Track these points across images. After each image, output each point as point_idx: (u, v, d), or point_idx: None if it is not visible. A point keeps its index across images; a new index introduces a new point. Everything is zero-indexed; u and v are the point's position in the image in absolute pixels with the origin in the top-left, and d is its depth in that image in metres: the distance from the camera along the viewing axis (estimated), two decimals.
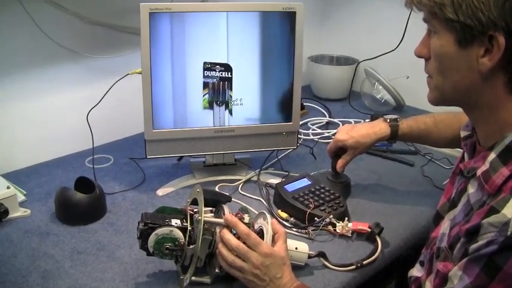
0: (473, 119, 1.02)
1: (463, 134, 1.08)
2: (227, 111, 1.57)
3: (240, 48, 1.52)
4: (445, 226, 1.03)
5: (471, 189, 0.97)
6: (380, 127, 1.50)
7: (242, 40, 1.52)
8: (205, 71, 1.51)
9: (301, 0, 1.54)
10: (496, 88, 0.91)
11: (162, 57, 1.46)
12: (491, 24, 0.85)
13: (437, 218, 1.11)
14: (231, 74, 1.53)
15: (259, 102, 1.59)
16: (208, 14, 1.48)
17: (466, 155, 1.06)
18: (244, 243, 1.12)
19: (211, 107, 1.55)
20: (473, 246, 0.86)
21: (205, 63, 1.50)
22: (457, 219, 0.99)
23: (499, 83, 0.91)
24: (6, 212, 1.38)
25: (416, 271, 1.17)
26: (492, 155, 0.92)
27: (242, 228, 1.13)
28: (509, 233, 0.81)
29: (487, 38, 0.86)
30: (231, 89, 1.55)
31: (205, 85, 1.52)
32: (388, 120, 1.50)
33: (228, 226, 1.15)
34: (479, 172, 0.94)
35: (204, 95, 1.53)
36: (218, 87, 1.54)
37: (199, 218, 1.13)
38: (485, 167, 0.93)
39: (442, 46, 0.93)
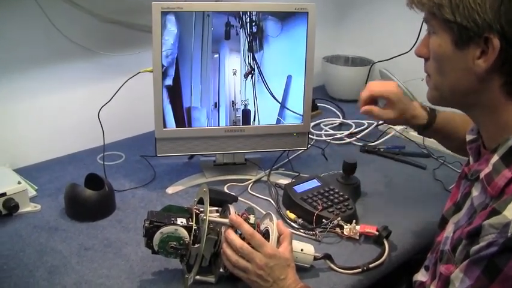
0: (475, 121, 1.02)
1: (468, 138, 1.07)
2: (238, 110, 1.57)
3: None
4: (449, 230, 1.03)
5: (475, 192, 0.97)
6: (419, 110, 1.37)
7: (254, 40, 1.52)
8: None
9: (317, 1, 1.53)
10: (492, 90, 0.91)
11: (174, 56, 1.47)
12: (486, 26, 0.85)
13: (443, 222, 1.10)
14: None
15: (271, 102, 1.59)
16: (220, 13, 1.48)
17: (471, 158, 1.05)
18: (248, 243, 1.12)
19: (222, 106, 1.55)
20: (474, 248, 0.86)
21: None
22: (460, 222, 0.98)
23: (495, 85, 0.90)
24: (16, 206, 1.40)
25: (421, 276, 1.16)
26: (495, 157, 0.92)
27: (247, 228, 1.13)
28: (509, 234, 0.80)
29: (482, 39, 0.86)
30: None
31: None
32: (428, 109, 1.37)
33: (233, 226, 1.15)
34: (482, 175, 0.94)
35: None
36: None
37: (204, 217, 1.13)
38: (488, 169, 0.93)
39: (440, 46, 0.93)
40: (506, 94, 0.90)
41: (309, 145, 1.73)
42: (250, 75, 1.55)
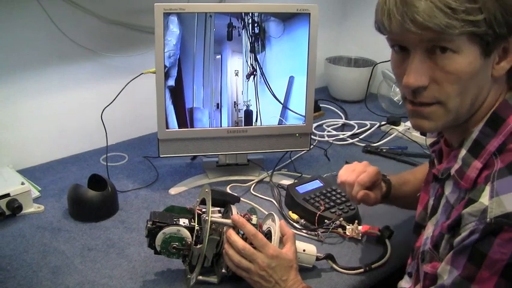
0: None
1: (429, 141, 1.08)
2: (240, 111, 1.57)
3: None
4: (428, 231, 1.02)
5: (447, 190, 0.97)
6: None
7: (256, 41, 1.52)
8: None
9: (320, 2, 1.54)
10: (501, 85, 0.92)
11: (176, 57, 1.47)
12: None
13: (418, 228, 1.11)
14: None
15: (273, 103, 1.59)
16: (223, 14, 1.49)
17: (435, 160, 1.06)
18: (250, 244, 1.13)
19: (224, 107, 1.55)
20: (457, 239, 0.86)
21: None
22: (439, 222, 0.98)
23: (503, 82, 0.91)
24: (20, 207, 1.41)
25: (404, 282, 1.16)
26: (463, 152, 0.92)
27: (249, 228, 1.14)
28: (488, 219, 0.81)
29: (504, 42, 0.85)
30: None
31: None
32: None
33: (235, 227, 1.15)
34: (452, 171, 0.94)
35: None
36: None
37: (207, 218, 1.13)
38: (457, 164, 0.93)
39: (469, 64, 0.84)
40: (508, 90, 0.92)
41: (312, 146, 1.73)
42: (252, 76, 1.55)
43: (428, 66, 0.87)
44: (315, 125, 2.04)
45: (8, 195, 1.39)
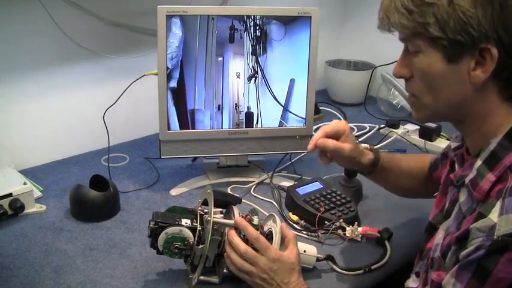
0: (462, 130, 1.01)
1: (453, 145, 1.08)
2: (241, 113, 1.58)
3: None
4: (439, 236, 1.03)
5: (462, 197, 0.97)
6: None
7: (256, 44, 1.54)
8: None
9: (321, 5, 1.55)
10: (489, 98, 0.91)
11: (178, 59, 1.49)
12: (482, 37, 0.84)
13: (431, 229, 1.10)
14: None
15: (274, 105, 1.60)
16: (225, 17, 1.50)
17: (456, 165, 1.06)
18: (252, 246, 1.13)
19: (225, 108, 1.57)
20: (463, 252, 0.86)
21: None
22: (450, 228, 0.99)
23: (492, 92, 0.90)
24: (22, 207, 1.41)
25: (412, 282, 1.16)
26: (478, 162, 0.93)
27: (251, 231, 1.14)
28: (495, 236, 0.81)
29: (477, 50, 0.86)
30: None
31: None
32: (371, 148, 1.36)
33: (236, 228, 1.16)
34: (467, 180, 0.95)
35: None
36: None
37: (209, 218, 1.14)
38: (472, 174, 0.93)
39: (430, 65, 0.90)
40: (503, 99, 0.91)
41: None
42: (253, 79, 1.56)
43: (409, 61, 0.95)
44: (314, 127, 2.05)
45: (10, 195, 1.40)
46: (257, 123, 1.60)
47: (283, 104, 1.60)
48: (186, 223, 1.17)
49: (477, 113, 0.93)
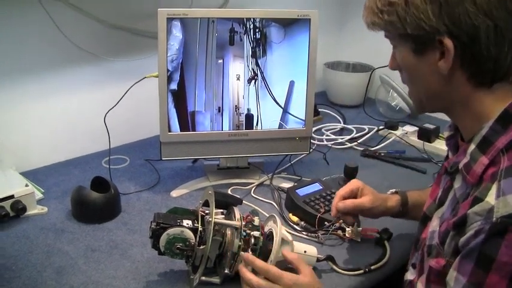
0: (453, 118, 1.05)
1: (446, 134, 1.10)
2: (241, 115, 1.59)
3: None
4: (434, 224, 1.03)
5: (456, 184, 0.99)
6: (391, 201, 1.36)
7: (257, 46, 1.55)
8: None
9: (319, 8, 1.56)
10: (460, 86, 0.94)
11: (179, 61, 1.50)
12: (435, 30, 0.89)
13: (425, 219, 1.11)
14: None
15: (273, 107, 1.61)
16: (225, 20, 1.51)
17: (449, 153, 1.08)
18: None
19: (225, 110, 1.58)
20: (462, 239, 0.87)
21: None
22: (445, 215, 0.99)
23: (461, 80, 0.93)
24: (23, 209, 1.42)
25: (410, 274, 1.17)
26: (472, 147, 0.94)
27: (260, 264, 1.12)
28: (494, 219, 0.81)
29: (437, 43, 0.90)
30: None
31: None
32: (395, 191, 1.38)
33: (245, 263, 1.15)
34: (461, 165, 0.96)
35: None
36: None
37: (210, 219, 1.15)
38: (466, 159, 0.95)
39: (403, 58, 0.99)
40: (473, 86, 0.93)
41: (311, 150, 1.76)
42: (253, 81, 1.58)
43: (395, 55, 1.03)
44: (313, 129, 2.07)
45: (12, 196, 1.41)
46: (257, 125, 1.61)
47: (282, 106, 1.62)
48: (187, 224, 1.18)
49: (456, 101, 0.97)
